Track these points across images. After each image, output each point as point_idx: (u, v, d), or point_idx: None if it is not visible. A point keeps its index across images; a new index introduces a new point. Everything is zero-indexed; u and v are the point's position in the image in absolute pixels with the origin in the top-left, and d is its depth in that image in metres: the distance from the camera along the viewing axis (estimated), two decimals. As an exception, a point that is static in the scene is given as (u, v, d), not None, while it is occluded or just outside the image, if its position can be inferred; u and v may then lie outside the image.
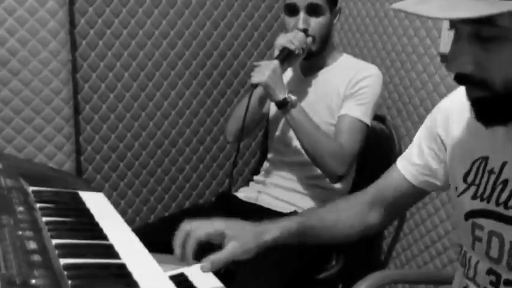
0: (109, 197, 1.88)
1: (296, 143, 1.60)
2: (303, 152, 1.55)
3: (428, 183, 1.02)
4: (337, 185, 1.65)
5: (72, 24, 1.71)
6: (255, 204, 1.68)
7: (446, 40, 1.61)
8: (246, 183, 1.90)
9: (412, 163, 1.03)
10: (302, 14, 1.53)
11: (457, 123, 0.94)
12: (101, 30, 1.76)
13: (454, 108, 0.95)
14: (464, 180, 0.92)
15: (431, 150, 1.00)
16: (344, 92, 1.58)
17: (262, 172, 1.79)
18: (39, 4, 1.60)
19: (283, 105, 1.48)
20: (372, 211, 1.07)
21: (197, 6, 1.89)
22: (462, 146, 0.93)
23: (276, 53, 1.52)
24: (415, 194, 1.05)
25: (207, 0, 1.90)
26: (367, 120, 1.56)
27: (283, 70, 1.53)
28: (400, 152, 1.70)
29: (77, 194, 1.20)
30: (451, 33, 0.80)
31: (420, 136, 1.02)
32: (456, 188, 0.94)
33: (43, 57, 1.63)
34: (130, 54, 1.83)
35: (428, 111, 1.69)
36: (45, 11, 1.60)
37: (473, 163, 0.91)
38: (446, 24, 1.60)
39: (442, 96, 1.65)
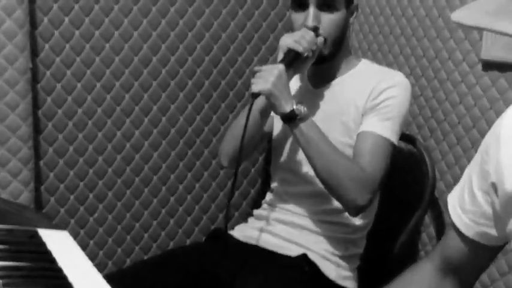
0: (75, 235, 1.87)
1: (306, 168, 1.60)
2: (316, 179, 1.54)
3: (484, 235, 0.98)
4: (357, 221, 1.64)
5: (33, 24, 1.71)
6: (255, 246, 1.67)
7: (489, 44, 1.62)
8: (244, 219, 1.89)
9: (464, 209, 0.99)
10: (312, 9, 1.54)
11: (508, 147, 0.90)
12: (67, 32, 1.77)
13: (506, 134, 0.91)
14: None
15: (485, 192, 0.95)
16: (364, 105, 1.58)
17: (264, 205, 1.78)
18: (-8, 0, 1.61)
19: (290, 118, 1.48)
20: (446, 280, 1.04)
21: (185, 3, 1.90)
22: None
23: (281, 56, 1.52)
24: (477, 251, 1.00)
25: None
26: (394, 138, 1.56)
27: (289, 77, 1.53)
28: (434, 181, 1.73)
29: (36, 233, 1.19)
30: (494, 36, 0.79)
31: (470, 172, 0.99)
32: None
33: (-4, 64, 1.64)
34: (104, 61, 1.83)
35: (467, 130, 1.72)
36: (-1, 8, 1.61)
37: None
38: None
39: (484, 111, 1.66)
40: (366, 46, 2.03)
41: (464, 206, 0.99)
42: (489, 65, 1.65)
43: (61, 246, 1.15)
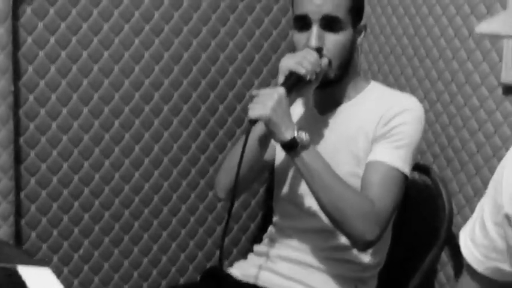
0: (58, 273, 1.86)
1: (310, 201, 1.60)
2: (321, 213, 1.54)
3: (497, 271, 0.99)
4: (368, 258, 1.64)
5: (16, 44, 1.73)
6: (254, 286, 1.66)
7: (509, 66, 1.63)
8: (243, 255, 1.88)
9: (475, 243, 1.00)
10: (315, 29, 1.56)
11: None
12: (53, 52, 1.78)
13: None
14: None
15: (497, 225, 0.97)
16: (374, 132, 1.58)
17: (265, 241, 1.78)
18: (-28, 18, 1.63)
19: (291, 147, 1.48)
20: None
21: (180, 21, 1.92)
22: None
23: (281, 78, 1.53)
24: None
25: (193, 13, 1.93)
26: (406, 168, 1.56)
27: (291, 101, 1.54)
28: (451, 216, 1.72)
29: (15, 271, 1.19)
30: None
31: (483, 205, 1.00)
32: None
33: (-25, 87, 1.65)
34: (92, 84, 1.84)
35: (487, 160, 1.72)
36: (-20, 27, 1.63)
37: None
38: (509, 45, 1.62)
39: (505, 140, 1.67)
40: (376, 68, 2.05)
41: (476, 240, 1.00)
42: (510, 89, 1.65)
43: (42, 285, 1.14)
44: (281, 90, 1.49)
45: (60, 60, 1.79)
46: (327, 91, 1.63)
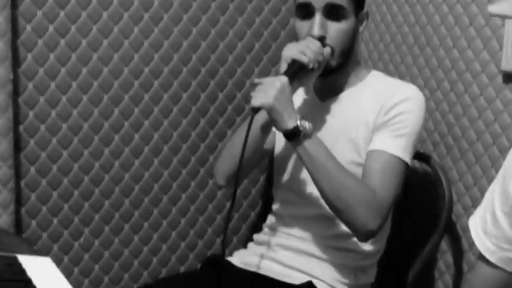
0: (58, 262, 1.87)
1: (311, 189, 1.60)
2: (322, 200, 1.55)
3: (510, 261, 0.99)
4: (368, 247, 1.65)
5: (15, 32, 1.72)
6: (255, 273, 1.67)
7: (509, 54, 1.63)
8: (243, 244, 1.89)
9: (487, 232, 0.99)
10: (318, 17, 1.55)
11: None
12: (52, 41, 1.78)
13: None
14: None
15: (507, 215, 0.97)
16: (374, 121, 1.59)
17: (265, 229, 1.78)
18: (-29, 6, 1.63)
19: (293, 135, 1.48)
20: None
21: (180, 10, 1.92)
22: None
23: (284, 67, 1.53)
24: (505, 281, 1.01)
25: (192, 1, 1.93)
26: (407, 157, 1.56)
27: (293, 90, 1.54)
28: (451, 204, 1.73)
29: (15, 259, 1.20)
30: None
31: (492, 193, 0.99)
32: None
33: (-25, 76, 1.65)
34: (91, 72, 1.84)
35: (487, 147, 1.73)
36: (-21, 15, 1.63)
37: None
38: (509, 33, 1.62)
39: (505, 127, 1.67)
40: (376, 56, 2.04)
41: (487, 230, 1.00)
42: (510, 77, 1.65)
43: (42, 273, 1.15)
44: (284, 79, 1.49)
45: (60, 48, 1.79)
46: (329, 79, 1.63)
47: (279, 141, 1.73)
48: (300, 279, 1.62)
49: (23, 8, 1.73)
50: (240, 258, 1.73)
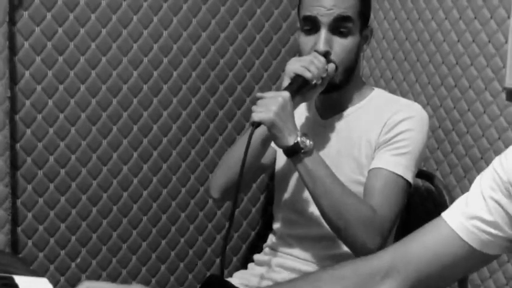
0: (55, 283, 1.86)
1: (313, 209, 1.59)
2: (323, 220, 1.54)
3: (496, 245, 1.01)
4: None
5: (12, 49, 1.72)
6: (256, 295, 1.66)
7: (513, 71, 1.63)
8: (243, 264, 1.88)
9: (468, 216, 1.01)
10: (324, 32, 1.55)
11: None
12: (50, 58, 1.78)
13: None
14: None
15: (501, 206, 0.99)
16: (377, 139, 1.58)
17: (265, 249, 1.77)
18: (-32, 22, 1.63)
19: (294, 152, 1.48)
20: (384, 285, 1.03)
21: (179, 26, 1.92)
22: None
23: (286, 82, 1.53)
24: (472, 260, 1.03)
25: (192, 18, 1.93)
26: (409, 176, 1.56)
27: (295, 106, 1.53)
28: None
29: (11, 280, 1.19)
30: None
31: (482, 185, 1.02)
32: None
33: (-29, 93, 1.65)
34: (89, 89, 1.84)
35: (491, 166, 1.72)
36: (-24, 32, 1.63)
37: None
38: (513, 50, 1.62)
39: (509, 145, 1.65)
40: (378, 74, 2.04)
41: (473, 213, 1.02)
42: (515, 95, 1.66)
43: (39, 294, 1.14)
44: (286, 94, 1.48)
45: (58, 65, 1.79)
46: (331, 96, 1.63)
47: (279, 159, 1.72)
48: (301, 300, 1.61)
49: (21, 24, 1.73)
50: (240, 279, 1.71)
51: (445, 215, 1.04)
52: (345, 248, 1.56)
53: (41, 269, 1.85)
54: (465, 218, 1.02)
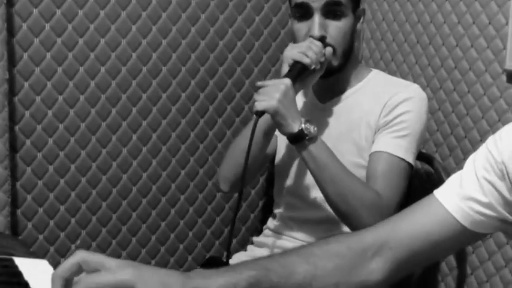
0: (55, 265, 1.86)
1: (316, 193, 1.60)
2: (326, 204, 1.55)
3: (488, 224, 1.02)
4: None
5: (10, 31, 1.72)
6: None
7: (513, 53, 1.63)
8: (242, 246, 1.88)
9: (463, 196, 1.02)
10: (317, 17, 1.55)
11: None
12: (48, 39, 1.78)
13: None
14: None
15: (494, 188, 1.00)
16: (376, 122, 1.58)
17: (266, 232, 1.78)
18: (-34, 4, 1.62)
19: (298, 139, 1.48)
20: (375, 261, 1.03)
21: (178, 8, 1.91)
22: None
23: (285, 69, 1.53)
24: (462, 238, 1.04)
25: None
26: (410, 158, 1.56)
27: (295, 92, 1.53)
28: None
29: (11, 262, 1.19)
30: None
31: (476, 166, 1.02)
32: None
33: (-31, 75, 1.64)
34: (88, 71, 1.84)
35: (491, 148, 1.72)
36: (-27, 13, 1.62)
37: None
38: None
39: (509, 128, 1.67)
40: (378, 56, 2.04)
41: (467, 193, 1.02)
42: (515, 76, 1.66)
43: (39, 276, 1.14)
44: (287, 81, 1.48)
45: (56, 47, 1.79)
46: (329, 80, 1.63)
47: (280, 145, 1.72)
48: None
49: (19, 6, 1.73)
50: (239, 260, 1.72)
51: (438, 194, 1.04)
52: (345, 229, 1.57)
53: (41, 251, 1.86)
54: (460, 198, 1.02)
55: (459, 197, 1.02)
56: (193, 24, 1.94)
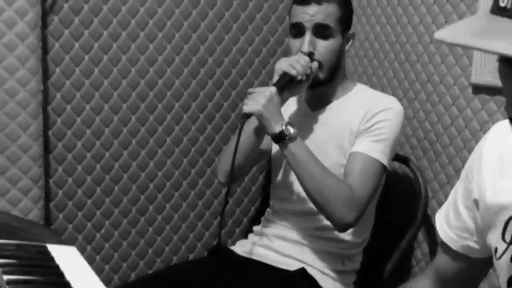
0: (82, 251, 1.87)
1: (299, 187, 1.60)
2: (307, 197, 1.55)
3: (468, 248, 1.02)
4: (349, 237, 1.65)
5: (45, 49, 1.73)
6: (255, 261, 1.67)
7: (478, 68, 1.64)
8: (244, 235, 1.89)
9: (449, 224, 1.02)
10: (308, 36, 1.56)
11: (489, 166, 0.95)
12: (77, 56, 1.79)
13: (487, 153, 0.96)
14: (503, 239, 0.91)
15: (468, 208, 0.99)
16: (358, 127, 1.59)
17: (263, 222, 1.78)
18: (7, 26, 1.63)
19: (280, 139, 1.49)
20: None
21: (189, 29, 1.92)
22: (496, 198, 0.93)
23: (275, 78, 1.55)
24: (464, 263, 1.03)
25: (200, 22, 1.94)
26: (384, 160, 1.56)
27: (284, 99, 1.55)
28: (427, 200, 1.73)
29: (45, 248, 1.20)
30: (484, 60, 0.81)
31: (456, 191, 1.02)
32: (496, 249, 0.93)
33: (9, 87, 1.65)
34: (112, 84, 1.85)
35: (458, 150, 1.73)
36: (13, 34, 1.63)
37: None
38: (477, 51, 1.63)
39: (474, 133, 1.67)
40: (361, 70, 2.05)
41: (450, 222, 1.02)
42: (479, 89, 1.66)
43: (69, 261, 1.15)
44: (273, 89, 1.50)
45: (84, 63, 1.80)
46: (318, 91, 1.64)
47: (275, 145, 1.73)
48: (294, 266, 1.62)
49: (52, 28, 1.74)
50: (242, 247, 1.73)
51: (436, 221, 1.07)
52: (326, 221, 1.57)
53: (70, 239, 1.86)
54: (446, 224, 1.03)
55: (447, 225, 1.03)
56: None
